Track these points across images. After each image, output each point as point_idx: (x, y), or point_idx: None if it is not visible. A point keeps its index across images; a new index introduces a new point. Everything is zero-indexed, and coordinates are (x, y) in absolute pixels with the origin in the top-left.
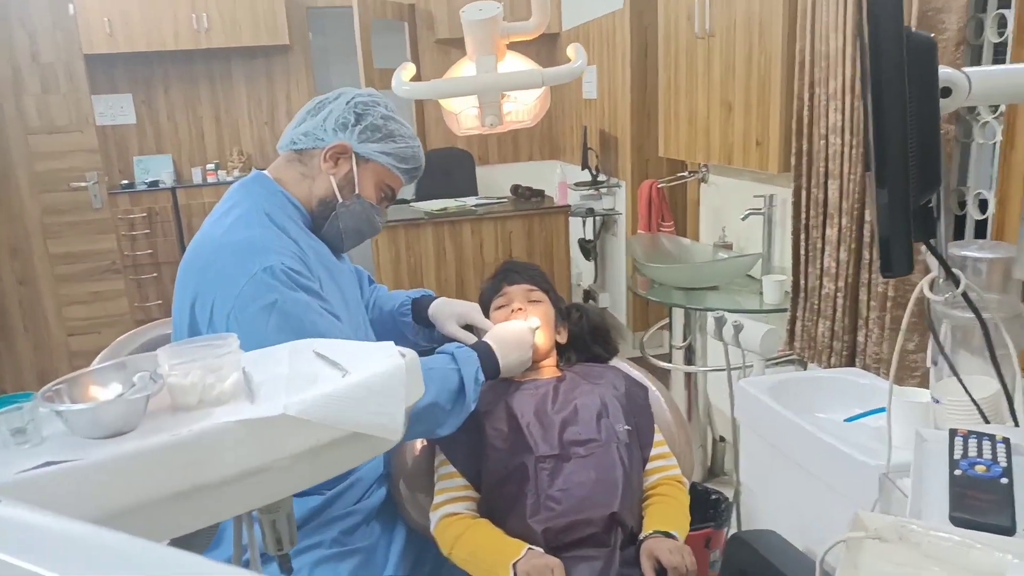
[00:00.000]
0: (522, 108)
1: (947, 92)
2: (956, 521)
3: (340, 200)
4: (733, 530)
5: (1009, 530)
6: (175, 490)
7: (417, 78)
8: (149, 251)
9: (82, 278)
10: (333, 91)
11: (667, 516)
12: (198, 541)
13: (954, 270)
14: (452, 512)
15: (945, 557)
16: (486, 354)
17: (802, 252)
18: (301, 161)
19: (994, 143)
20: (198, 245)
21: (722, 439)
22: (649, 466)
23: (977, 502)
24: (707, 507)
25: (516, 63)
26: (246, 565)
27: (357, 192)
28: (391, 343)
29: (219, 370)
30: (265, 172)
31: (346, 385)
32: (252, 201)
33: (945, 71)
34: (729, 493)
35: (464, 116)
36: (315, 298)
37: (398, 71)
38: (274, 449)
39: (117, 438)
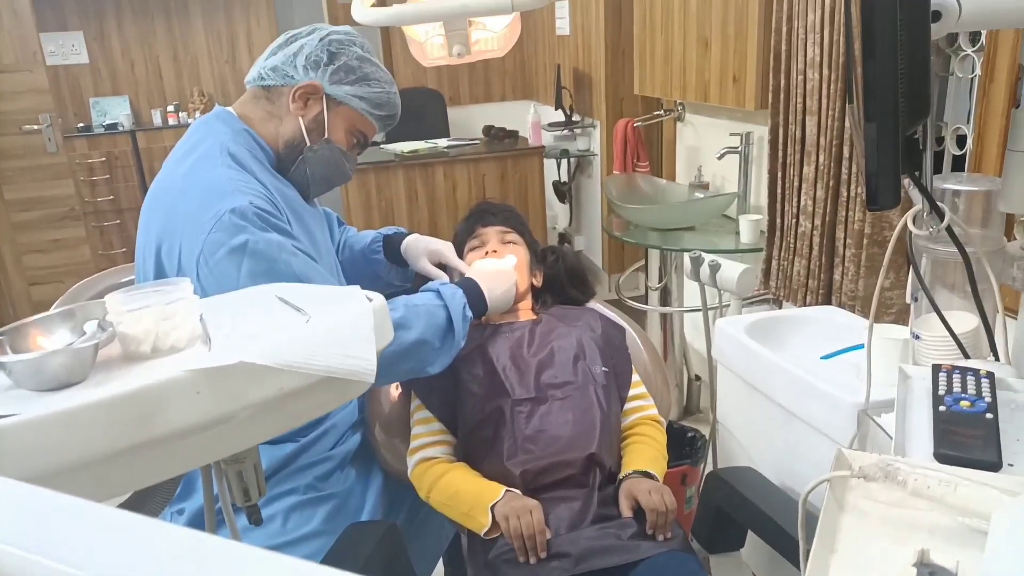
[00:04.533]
0: (491, 36)
1: (937, 16)
2: (941, 458)
3: (308, 144)
4: (709, 467)
5: (995, 465)
6: (128, 444)
7: (381, 5)
8: (110, 197)
9: (40, 225)
10: (308, 25)
11: (645, 456)
12: (161, 490)
13: (939, 204)
14: (429, 456)
15: (932, 495)
16: (473, 290)
17: (778, 190)
18: (268, 99)
19: (973, 77)
20: (160, 187)
21: (698, 378)
22: (627, 407)
23: (962, 438)
24: (683, 444)
25: None
26: (219, 514)
27: (326, 136)
28: (357, 287)
29: (172, 317)
30: (229, 109)
31: (312, 329)
32: (215, 140)
33: None
34: (705, 431)
35: (430, 45)
36: (288, 238)
37: None
38: (234, 398)
39: (65, 391)
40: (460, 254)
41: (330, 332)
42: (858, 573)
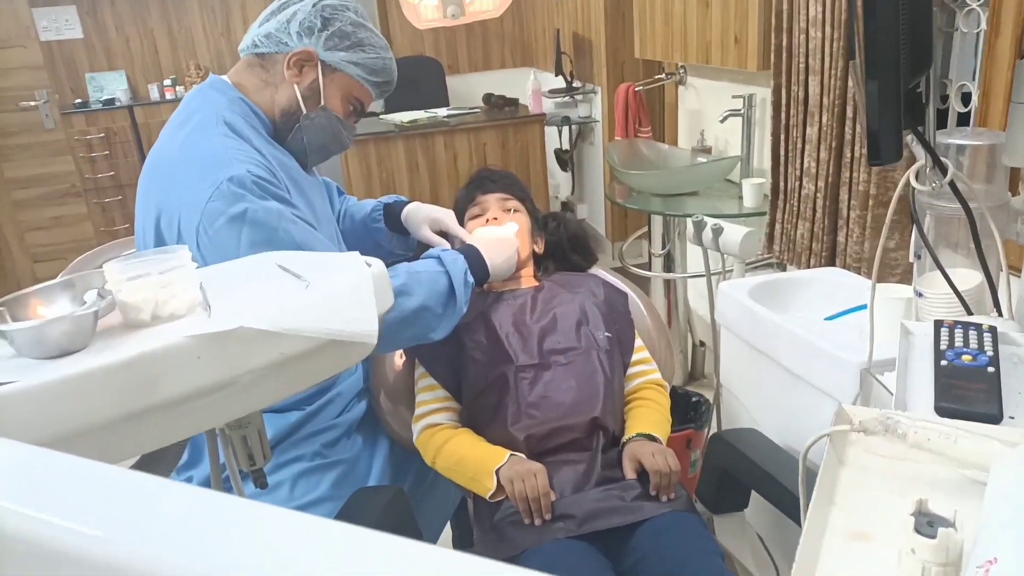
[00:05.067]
0: None
1: None
2: (941, 411)
3: (304, 112)
4: (713, 431)
5: (996, 418)
6: (130, 410)
7: None
8: (111, 173)
9: (41, 203)
10: None
11: (649, 420)
12: (168, 454)
13: (942, 159)
14: (434, 423)
15: (932, 447)
16: (474, 257)
17: (782, 153)
18: (263, 66)
19: (978, 32)
20: (156, 158)
21: (702, 344)
22: (630, 371)
23: (963, 391)
24: (687, 409)
25: None
26: (226, 482)
27: (323, 104)
28: (356, 253)
29: (171, 285)
30: (224, 77)
31: (311, 295)
32: (212, 108)
33: None
34: (709, 396)
35: (424, 6)
36: (287, 207)
37: None
38: (235, 363)
39: (66, 358)
40: (461, 222)
41: (330, 297)
42: (857, 523)
